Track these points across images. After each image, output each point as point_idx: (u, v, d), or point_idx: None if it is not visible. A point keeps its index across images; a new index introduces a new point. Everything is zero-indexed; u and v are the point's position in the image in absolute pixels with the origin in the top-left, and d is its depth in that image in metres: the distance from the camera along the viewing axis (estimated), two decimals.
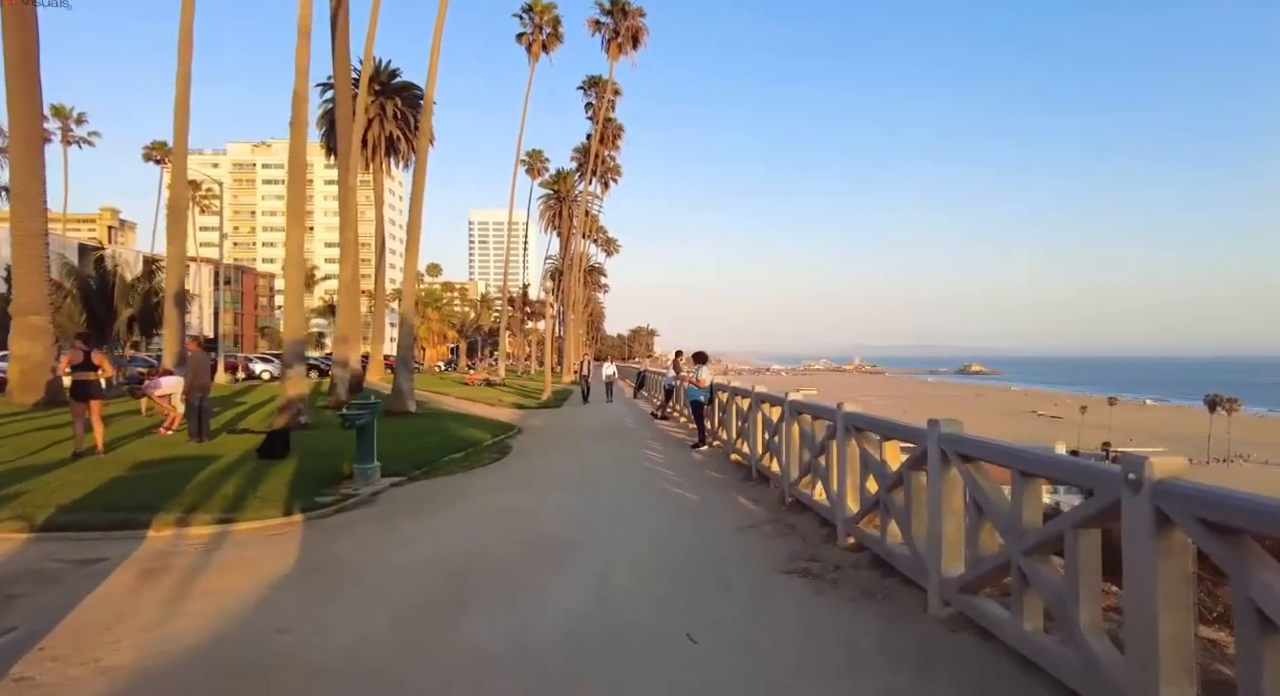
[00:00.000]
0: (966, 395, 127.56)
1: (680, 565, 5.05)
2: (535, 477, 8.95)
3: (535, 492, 7.89)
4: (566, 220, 59.10)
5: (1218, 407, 77.90)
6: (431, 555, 5.34)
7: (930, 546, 3.90)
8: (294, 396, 13.81)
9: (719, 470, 9.24)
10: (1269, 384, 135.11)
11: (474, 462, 10.29)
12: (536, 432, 14.63)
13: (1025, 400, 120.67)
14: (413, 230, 17.62)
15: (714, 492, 7.74)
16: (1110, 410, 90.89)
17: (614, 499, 7.46)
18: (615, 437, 13.34)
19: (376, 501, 7.59)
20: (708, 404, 11.30)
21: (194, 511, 6.51)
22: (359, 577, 4.85)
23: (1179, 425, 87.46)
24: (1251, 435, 74.43)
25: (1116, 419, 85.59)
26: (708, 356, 11.48)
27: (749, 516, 6.55)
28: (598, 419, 17.43)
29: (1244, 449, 69.03)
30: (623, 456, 10.69)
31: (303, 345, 14.13)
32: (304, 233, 14.23)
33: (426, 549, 5.52)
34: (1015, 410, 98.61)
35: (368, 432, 8.54)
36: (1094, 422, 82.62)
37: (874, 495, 4.79)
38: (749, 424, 8.69)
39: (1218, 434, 73.21)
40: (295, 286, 14.03)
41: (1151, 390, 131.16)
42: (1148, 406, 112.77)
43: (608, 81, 49.49)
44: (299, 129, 13.80)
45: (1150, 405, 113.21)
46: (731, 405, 9.85)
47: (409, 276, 17.51)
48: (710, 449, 11.16)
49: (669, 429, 14.94)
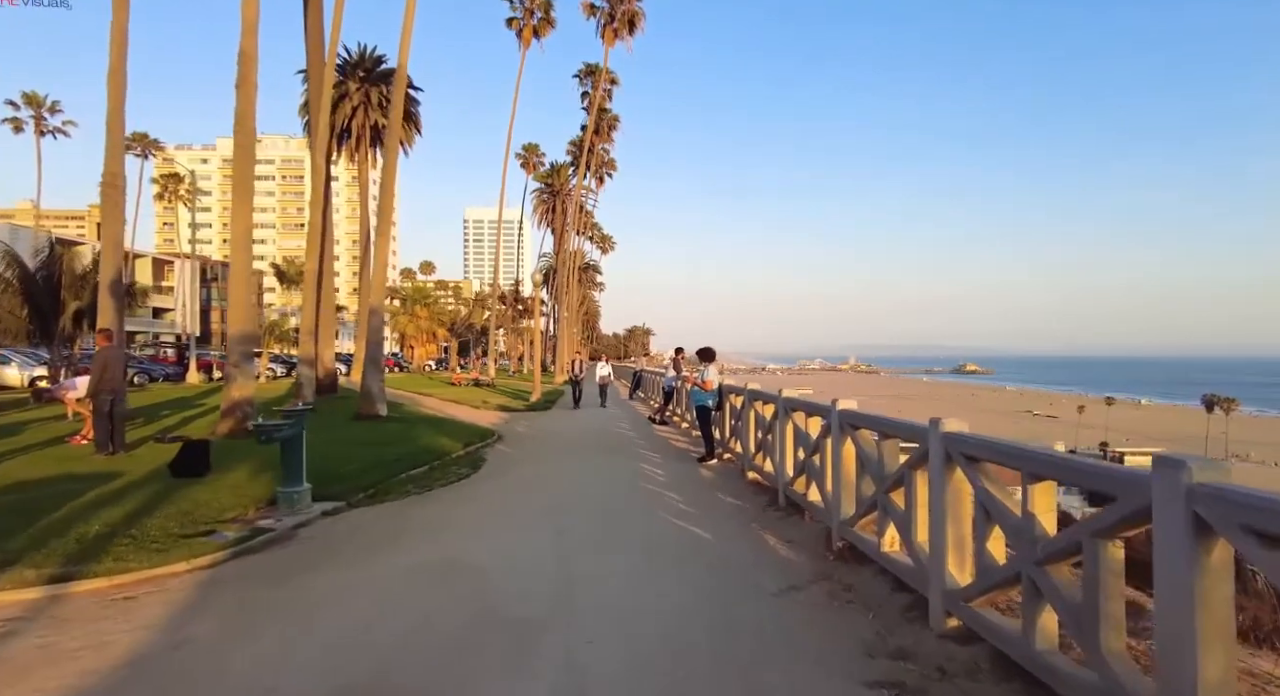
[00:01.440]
0: (962, 394, 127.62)
1: (699, 666, 3.31)
2: (504, 505, 7.18)
3: (499, 530, 6.12)
4: (560, 215, 57.24)
5: (1215, 407, 77.67)
6: (329, 646, 3.59)
7: None
8: (239, 399, 12.02)
9: (735, 493, 7.49)
10: (1253, 383, 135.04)
11: (436, 480, 8.54)
12: (518, 440, 12.87)
13: (1020, 400, 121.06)
14: (384, 213, 15.83)
15: (733, 528, 5.98)
16: (1105, 410, 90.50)
17: (603, 541, 5.69)
18: (608, 447, 11.59)
19: (294, 540, 5.83)
20: (716, 409, 9.56)
21: (20, 562, 4.74)
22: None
23: (1174, 424, 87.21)
24: (1248, 435, 74.28)
25: (1111, 418, 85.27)
26: (715, 354, 9.76)
27: (786, 570, 4.81)
28: (589, 424, 15.66)
29: (1241, 448, 68.83)
30: (616, 473, 8.93)
31: (252, 340, 12.34)
32: (251, 210, 12.42)
33: (324, 636, 3.76)
34: (1010, 409, 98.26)
35: (294, 448, 6.79)
36: (1089, 422, 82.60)
37: (1008, 564, 3.07)
38: (774, 437, 6.97)
39: (1213, 433, 72.86)
40: (242, 272, 12.23)
41: (1146, 390, 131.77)
42: (1142, 406, 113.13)
43: (603, 70, 47.70)
44: (246, 90, 11.99)
45: (1145, 405, 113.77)
46: (748, 412, 8.12)
47: (379, 264, 15.71)
48: (720, 463, 9.43)
49: (669, 436, 13.20)
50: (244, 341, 12.20)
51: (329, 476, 8.19)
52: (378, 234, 15.88)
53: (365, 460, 9.57)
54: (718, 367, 9.56)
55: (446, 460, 10.01)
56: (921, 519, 3.80)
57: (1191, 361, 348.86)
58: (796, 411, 6.26)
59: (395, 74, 16.55)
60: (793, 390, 6.62)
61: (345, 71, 42.83)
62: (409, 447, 10.99)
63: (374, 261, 15.59)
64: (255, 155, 12.20)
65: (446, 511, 6.84)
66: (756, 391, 7.97)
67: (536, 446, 12.11)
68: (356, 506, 7.11)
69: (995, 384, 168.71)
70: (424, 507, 7.05)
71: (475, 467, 9.54)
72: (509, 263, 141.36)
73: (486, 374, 40.27)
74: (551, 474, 9.09)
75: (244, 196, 12.28)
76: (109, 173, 13.38)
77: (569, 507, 6.83)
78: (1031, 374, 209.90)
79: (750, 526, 5.96)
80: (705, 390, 9.39)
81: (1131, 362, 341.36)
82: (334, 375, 22.35)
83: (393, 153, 16.21)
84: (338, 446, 11.07)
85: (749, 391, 8.07)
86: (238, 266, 12.24)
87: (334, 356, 22.88)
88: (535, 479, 8.71)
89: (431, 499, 7.48)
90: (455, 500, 7.37)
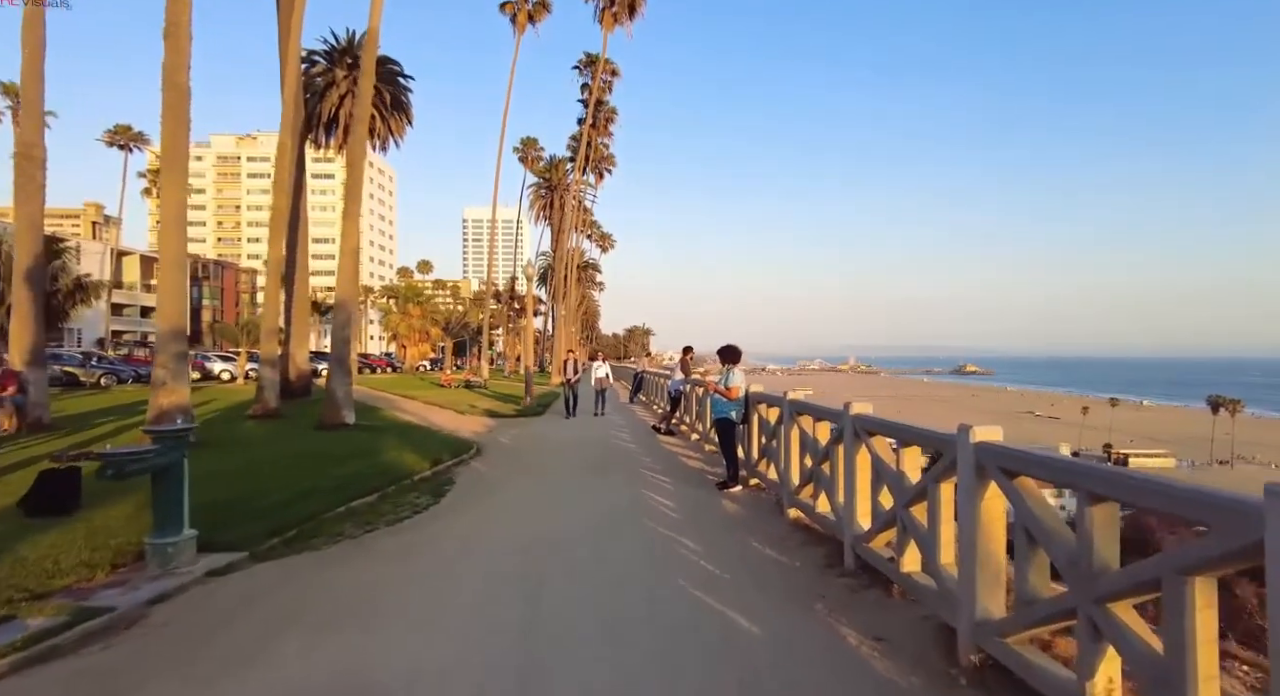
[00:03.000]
0: (963, 395, 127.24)
1: None
2: (458, 562, 5.21)
3: (437, 614, 4.18)
4: (559, 211, 55.30)
5: (1220, 409, 76.48)
6: None
7: None
8: (169, 408, 10.12)
9: (776, 540, 5.57)
10: (1253, 384, 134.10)
11: (383, 515, 6.64)
12: (499, 455, 10.97)
13: (1021, 400, 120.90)
14: (351, 192, 13.93)
15: (788, 612, 4.02)
16: (1106, 411, 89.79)
17: (592, 638, 3.76)
18: (606, 465, 9.69)
19: (136, 627, 3.93)
20: (741, 423, 7.65)
21: None
22: None
23: (1178, 426, 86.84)
24: (1252, 436, 73.52)
25: (1113, 420, 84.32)
26: (740, 353, 7.82)
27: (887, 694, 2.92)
28: (584, 433, 13.74)
29: (1245, 450, 67.84)
30: (613, 506, 7.01)
31: (182, 338, 10.43)
32: (185, 186, 10.52)
33: None
34: (1012, 410, 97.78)
35: (169, 484, 4.90)
36: (1091, 423, 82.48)
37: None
38: (835, 468, 5.06)
39: (1218, 435, 72.07)
40: (174, 258, 10.32)
41: (1147, 391, 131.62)
42: (1144, 407, 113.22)
43: (601, 58, 45.83)
44: (177, 40, 10.05)
45: (1147, 406, 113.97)
46: (789, 430, 6.21)
47: (346, 251, 13.78)
48: (746, 490, 7.52)
49: (678, 449, 11.30)
50: (175, 339, 10.29)
51: (244, 511, 6.32)
52: (345, 216, 13.97)
53: (303, 485, 7.69)
54: (743, 370, 7.63)
55: (405, 485, 8.10)
56: None
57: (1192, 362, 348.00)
58: (876, 436, 4.35)
59: (365, 37, 14.60)
60: (863, 403, 4.70)
61: (333, 58, 40.85)
62: (364, 465, 9.10)
63: (342, 247, 13.67)
64: (189, 122, 10.30)
65: (377, 572, 4.91)
66: (803, 403, 6.05)
67: (519, 463, 10.19)
68: (262, 559, 5.21)
69: (995, 384, 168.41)
70: (349, 564, 5.13)
71: (438, 495, 7.63)
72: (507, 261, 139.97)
73: (480, 375, 38.38)
74: (530, 507, 7.16)
75: (176, 171, 10.35)
76: (23, 143, 11.52)
77: (545, 570, 4.90)
78: (1031, 374, 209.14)
79: (813, 609, 4.03)
80: (729, 399, 7.46)
81: (1132, 363, 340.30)
82: (307, 377, 20.42)
83: (361, 123, 14.32)
84: (279, 465, 9.20)
85: (792, 403, 6.15)
86: (168, 252, 10.33)
87: (309, 356, 20.92)
88: (508, 515, 6.78)
89: (364, 547, 5.56)
90: (395, 552, 5.44)
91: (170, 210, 10.24)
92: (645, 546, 5.41)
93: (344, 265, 13.82)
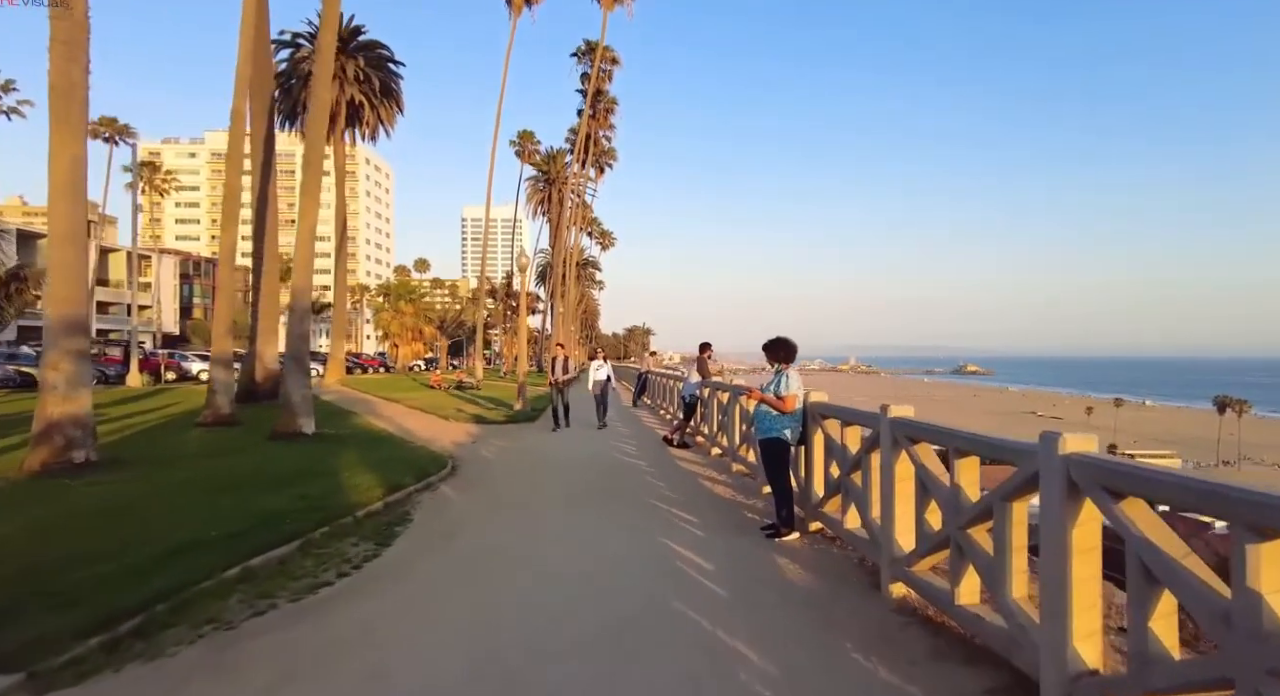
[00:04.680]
0: (964, 395, 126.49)
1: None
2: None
3: None
4: (557, 205, 53.19)
5: (1226, 409, 75.27)
6: None
7: None
8: (60, 419, 8.07)
9: (882, 639, 3.47)
10: (1254, 384, 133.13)
11: (292, 581, 4.60)
12: (477, 476, 8.89)
13: (1023, 400, 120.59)
14: (310, 165, 11.86)
15: None
16: (1109, 411, 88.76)
17: None
18: (609, 493, 7.62)
19: None
20: (798, 444, 5.55)
21: None
22: None
23: (1181, 426, 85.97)
24: (1257, 437, 72.60)
25: (1116, 420, 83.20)
26: (795, 348, 5.70)
27: None
28: (582, 446, 11.63)
29: (1252, 452, 66.50)
30: (626, 570, 4.89)
31: (80, 330, 8.35)
32: (79, 143, 8.42)
33: None
34: (1014, 410, 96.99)
35: None
36: (1094, 424, 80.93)
37: None
38: (1006, 539, 2.99)
39: (1224, 436, 70.68)
40: (65, 231, 8.24)
41: (1148, 391, 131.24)
42: (1147, 407, 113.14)
43: (600, 43, 43.75)
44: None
45: (1150, 405, 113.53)
46: (891, 461, 4.13)
47: (302, 232, 11.68)
48: (805, 538, 5.43)
49: (697, 467, 9.24)
50: (69, 333, 8.19)
51: (77, 582, 4.27)
52: (302, 193, 11.90)
53: (201, 527, 5.63)
54: (799, 372, 5.52)
55: (344, 525, 6.02)
56: None
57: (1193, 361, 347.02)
58: (1135, 498, 2.34)
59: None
60: None
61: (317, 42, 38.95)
62: (305, 493, 7.05)
63: (299, 228, 11.60)
64: (87, 50, 8.23)
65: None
66: (911, 422, 3.97)
67: (498, 489, 8.10)
68: (47, 688, 3.14)
69: (996, 385, 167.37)
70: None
71: (383, 543, 5.57)
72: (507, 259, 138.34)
73: (473, 375, 36.31)
74: (499, 570, 5.03)
75: (68, 128, 8.26)
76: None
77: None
78: (1032, 374, 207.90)
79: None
80: (782, 412, 5.37)
81: (1132, 363, 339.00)
82: (275, 378, 18.35)
83: (323, 86, 12.21)
84: (191, 494, 7.17)
85: (894, 421, 4.07)
86: (58, 224, 8.24)
87: (277, 355, 18.84)
88: (464, 591, 4.65)
89: (225, 659, 3.46)
90: (266, 677, 3.33)
91: (60, 173, 8.15)
92: (680, 674, 3.29)
93: (301, 248, 11.73)
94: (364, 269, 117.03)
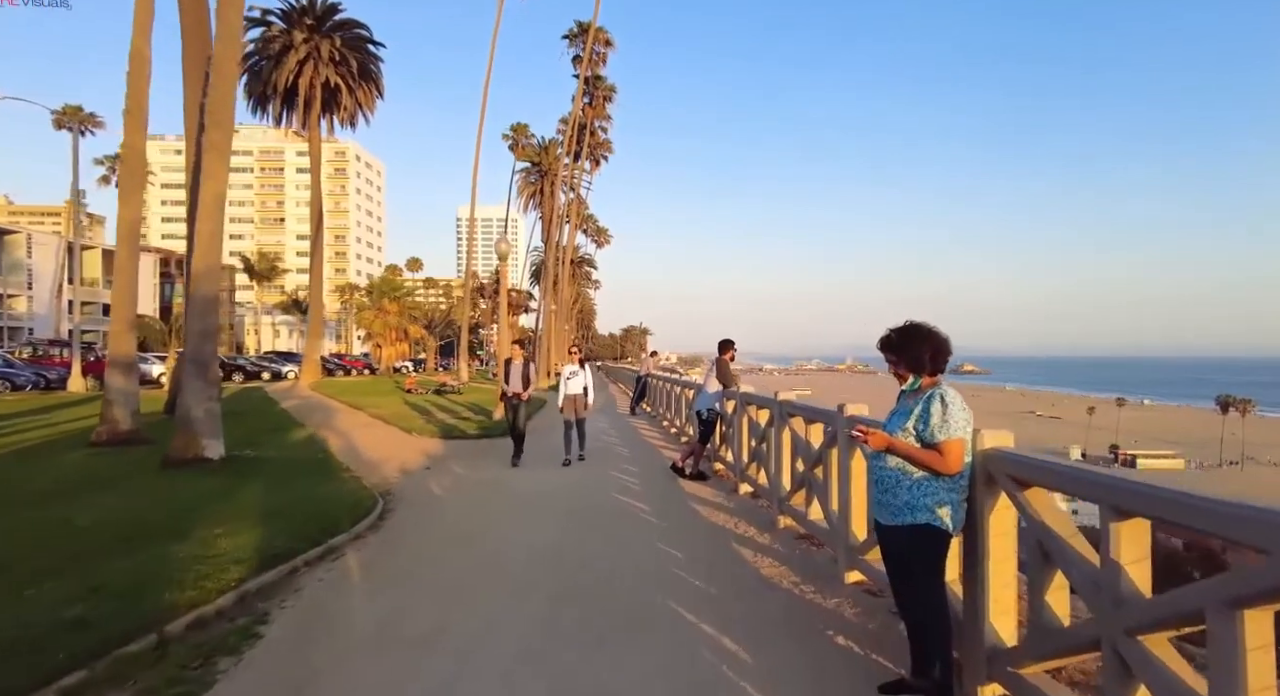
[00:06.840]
0: (964, 395, 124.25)
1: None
2: None
3: None
4: (550, 198, 50.43)
5: (1230, 408, 73.84)
6: None
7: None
8: None
9: None
10: (1255, 383, 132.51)
11: None
12: (410, 530, 6.24)
13: (1021, 400, 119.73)
14: (216, 113, 9.19)
15: None
16: (1110, 410, 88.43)
17: None
18: (600, 588, 4.99)
19: None
20: (959, 531, 2.87)
21: None
22: None
23: (1183, 426, 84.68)
24: (1259, 436, 71.94)
25: (1117, 420, 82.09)
26: (945, 343, 2.94)
27: None
28: (563, 479, 8.87)
29: (1255, 452, 65.35)
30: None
31: None
32: None
33: None
34: (1012, 411, 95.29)
35: None
36: (1095, 424, 79.46)
37: None
38: None
39: (1226, 435, 69.25)
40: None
41: (1148, 390, 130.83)
42: (1146, 406, 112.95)
43: (592, 25, 41.11)
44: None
45: (1149, 405, 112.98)
46: None
47: (208, 201, 9.00)
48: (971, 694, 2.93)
49: (725, 518, 6.61)
50: None
51: None
52: (209, 150, 9.23)
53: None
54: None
55: (128, 657, 3.39)
56: None
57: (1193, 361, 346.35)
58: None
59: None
60: None
61: (291, 20, 35.99)
62: (122, 570, 4.43)
63: (203, 193, 8.93)
64: None
65: None
66: None
67: (430, 561, 5.43)
68: None
69: (994, 384, 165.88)
70: None
71: None
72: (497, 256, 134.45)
73: (458, 378, 33.65)
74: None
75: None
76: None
77: None
78: (1029, 374, 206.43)
79: None
80: (935, 472, 2.75)
81: (1132, 362, 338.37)
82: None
83: (234, 41, 9.55)
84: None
85: None
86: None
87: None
88: None
89: None
90: None
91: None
92: None
93: (205, 221, 9.04)
94: (354, 268, 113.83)
